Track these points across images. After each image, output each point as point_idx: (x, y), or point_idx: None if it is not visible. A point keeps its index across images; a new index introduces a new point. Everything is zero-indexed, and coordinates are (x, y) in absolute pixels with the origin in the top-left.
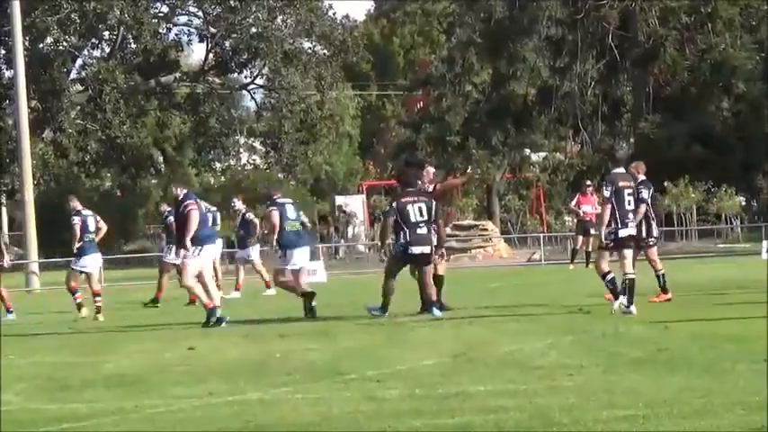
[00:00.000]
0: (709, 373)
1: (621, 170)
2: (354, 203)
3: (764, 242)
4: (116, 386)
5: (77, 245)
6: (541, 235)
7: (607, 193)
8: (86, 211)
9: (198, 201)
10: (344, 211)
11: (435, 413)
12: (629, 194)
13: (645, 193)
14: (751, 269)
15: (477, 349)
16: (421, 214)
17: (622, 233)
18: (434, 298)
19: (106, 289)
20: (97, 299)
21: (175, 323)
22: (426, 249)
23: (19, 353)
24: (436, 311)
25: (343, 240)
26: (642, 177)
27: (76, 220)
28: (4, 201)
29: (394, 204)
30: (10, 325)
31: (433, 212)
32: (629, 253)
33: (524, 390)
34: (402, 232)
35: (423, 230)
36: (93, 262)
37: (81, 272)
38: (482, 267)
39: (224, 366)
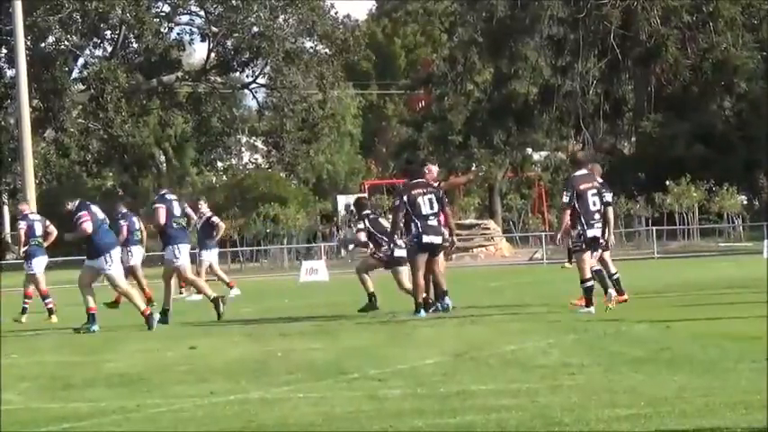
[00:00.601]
0: (710, 372)
1: (583, 172)
2: None
3: (766, 241)
4: (118, 385)
5: (23, 249)
6: (543, 234)
7: (566, 199)
8: (34, 216)
9: (92, 210)
10: (352, 210)
11: (437, 412)
12: (592, 195)
13: (609, 197)
14: (752, 268)
15: (479, 348)
16: (431, 206)
17: (590, 233)
18: (444, 287)
19: (108, 288)
20: (47, 300)
21: (176, 322)
22: (437, 240)
23: (21, 352)
24: (448, 300)
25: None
26: (599, 180)
27: (22, 224)
28: (5, 200)
29: (405, 197)
30: (13, 324)
31: (441, 203)
32: (596, 254)
33: (526, 389)
34: (413, 224)
35: (433, 222)
36: (40, 265)
37: (35, 274)
38: (484, 266)
39: (225, 365)
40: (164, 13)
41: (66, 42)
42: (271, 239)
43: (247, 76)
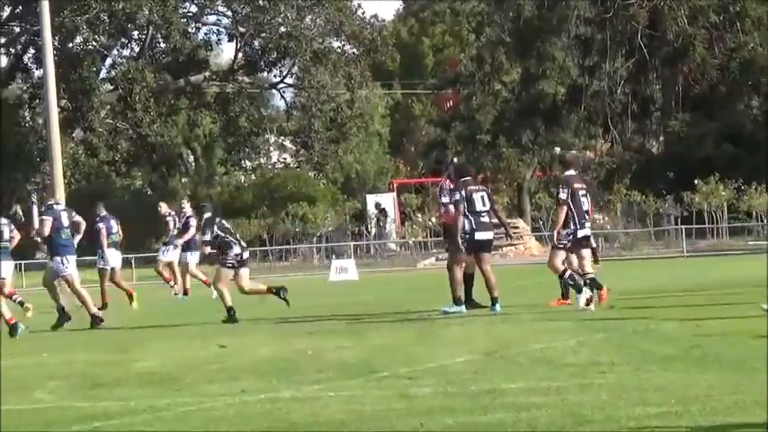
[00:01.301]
0: (739, 370)
1: (573, 172)
2: (385, 202)
3: None
4: (148, 384)
5: None
6: None
7: (564, 196)
8: (2, 219)
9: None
10: (383, 209)
11: (467, 410)
12: (583, 195)
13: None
14: None
15: (509, 347)
16: (483, 203)
17: (580, 233)
18: (496, 292)
19: (135, 287)
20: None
21: (205, 321)
22: (489, 235)
23: (51, 351)
24: (498, 307)
25: (375, 238)
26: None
27: None
28: (35, 200)
29: (462, 192)
30: (41, 324)
31: (491, 200)
32: (587, 252)
33: (556, 387)
34: (467, 220)
35: (485, 218)
36: (7, 269)
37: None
38: (513, 265)
39: (256, 364)
40: (191, 14)
41: (93, 42)
42: (300, 238)
43: (275, 76)
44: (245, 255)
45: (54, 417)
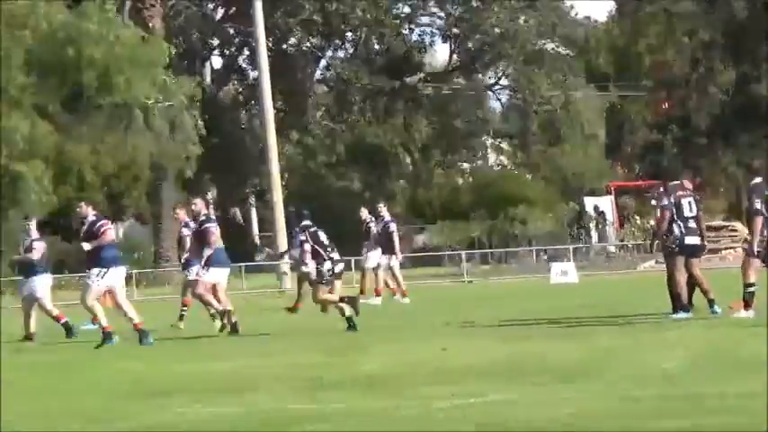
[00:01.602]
0: None
1: (760, 180)
2: (603, 204)
3: None
4: (368, 386)
5: (185, 255)
6: None
7: (758, 206)
8: (194, 224)
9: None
10: (601, 212)
11: (691, 413)
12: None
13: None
14: None
15: (730, 349)
16: (690, 209)
17: None
18: (711, 294)
19: (351, 291)
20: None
21: (424, 324)
22: (698, 240)
23: (274, 353)
24: (717, 308)
25: (594, 241)
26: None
27: (185, 231)
28: (254, 202)
29: (672, 198)
30: (262, 327)
31: (699, 207)
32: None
33: None
34: (676, 225)
35: (692, 224)
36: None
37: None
38: (732, 268)
39: (476, 367)
40: (404, 14)
41: (307, 44)
42: (518, 241)
43: (490, 78)
44: (338, 268)
45: (274, 418)
